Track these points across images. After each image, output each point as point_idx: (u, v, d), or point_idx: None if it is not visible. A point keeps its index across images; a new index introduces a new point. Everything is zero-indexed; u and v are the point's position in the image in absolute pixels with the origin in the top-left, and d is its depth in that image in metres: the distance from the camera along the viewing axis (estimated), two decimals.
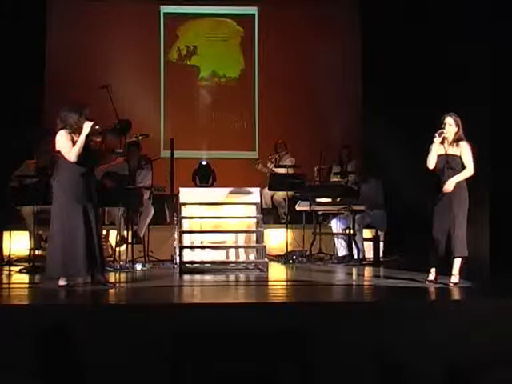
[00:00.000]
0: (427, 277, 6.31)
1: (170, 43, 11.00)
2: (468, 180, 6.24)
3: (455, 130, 6.22)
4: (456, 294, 5.97)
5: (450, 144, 6.22)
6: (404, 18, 9.24)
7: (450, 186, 6.12)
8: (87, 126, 5.94)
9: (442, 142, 6.24)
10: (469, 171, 6.18)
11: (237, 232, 7.93)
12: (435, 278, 6.29)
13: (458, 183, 6.16)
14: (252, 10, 11.06)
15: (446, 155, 6.22)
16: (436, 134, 6.19)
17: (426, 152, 6.28)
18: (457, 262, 6.19)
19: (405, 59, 9.17)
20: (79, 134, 5.95)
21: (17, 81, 9.32)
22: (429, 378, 4.87)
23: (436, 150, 6.23)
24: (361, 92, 10.53)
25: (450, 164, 6.18)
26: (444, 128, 6.20)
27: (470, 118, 7.55)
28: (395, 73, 9.33)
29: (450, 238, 6.15)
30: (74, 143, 5.94)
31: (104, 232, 7.92)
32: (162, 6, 10.94)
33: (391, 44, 9.48)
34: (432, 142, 6.21)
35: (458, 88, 7.85)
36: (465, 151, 6.19)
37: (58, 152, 6.02)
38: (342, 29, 10.82)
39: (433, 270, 6.31)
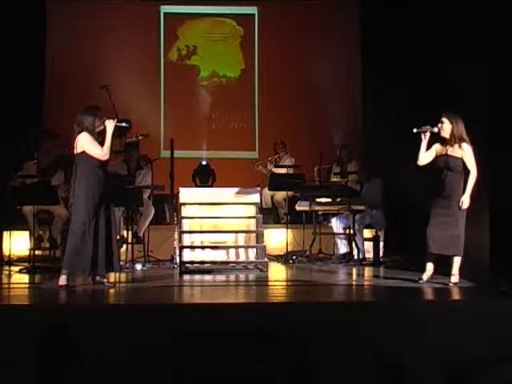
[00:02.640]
0: (422, 276, 6.33)
1: (170, 43, 11.01)
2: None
3: (450, 127, 6.20)
4: (456, 294, 5.97)
5: (450, 144, 6.21)
6: (404, 18, 9.24)
7: (465, 203, 6.11)
8: (111, 125, 6.08)
9: (443, 143, 6.24)
10: (473, 175, 6.15)
11: (237, 232, 7.92)
12: (430, 277, 6.30)
13: (459, 184, 6.16)
14: (252, 9, 11.06)
15: (447, 155, 6.21)
16: (414, 130, 6.23)
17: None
18: (456, 262, 6.19)
19: (405, 59, 9.17)
20: (97, 135, 6.10)
21: (17, 81, 9.33)
22: (428, 378, 4.87)
23: (425, 147, 6.25)
24: (361, 92, 10.53)
25: (449, 164, 6.17)
26: (440, 126, 6.22)
27: (470, 117, 7.56)
28: (395, 72, 9.33)
29: (448, 237, 6.16)
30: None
31: None
32: (162, 6, 10.95)
33: (391, 44, 9.48)
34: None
35: (458, 88, 7.85)
36: (467, 154, 6.16)
37: (80, 154, 6.07)
38: (341, 29, 10.82)
39: (429, 269, 6.30)
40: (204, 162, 10.01)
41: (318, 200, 8.58)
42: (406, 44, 9.18)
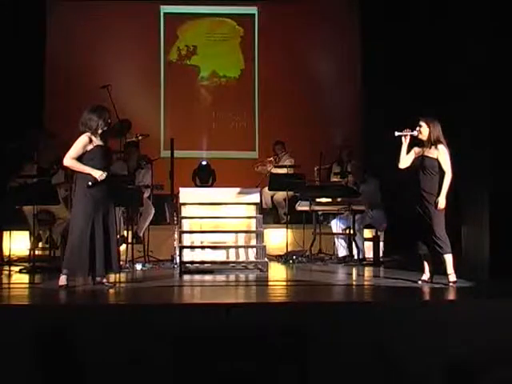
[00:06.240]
0: (421, 276, 6.39)
1: (170, 43, 11.01)
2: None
3: (427, 130, 6.29)
4: (455, 294, 5.97)
5: (427, 146, 6.30)
6: (404, 17, 9.24)
7: (441, 203, 6.19)
8: (100, 176, 5.97)
9: (421, 145, 6.31)
10: (448, 176, 6.24)
11: (237, 232, 7.91)
12: (430, 277, 6.34)
13: (435, 185, 6.23)
14: (252, 9, 11.06)
15: (423, 156, 6.32)
16: (396, 133, 6.30)
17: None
18: (448, 261, 6.22)
19: (405, 58, 9.17)
20: (99, 136, 6.07)
21: (17, 81, 9.33)
22: (428, 378, 4.87)
23: (405, 150, 6.35)
24: (361, 92, 10.53)
25: (425, 165, 6.27)
26: (418, 129, 6.28)
27: (470, 117, 7.56)
28: (395, 72, 9.34)
29: (431, 238, 6.22)
30: (92, 145, 6.04)
31: None
32: (161, 6, 10.95)
33: (391, 43, 9.48)
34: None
35: (458, 88, 7.85)
36: (442, 155, 6.26)
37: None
38: (341, 29, 10.82)
39: (426, 269, 6.35)
40: (204, 162, 10.01)
41: (318, 200, 8.59)
42: (406, 44, 9.18)
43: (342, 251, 8.52)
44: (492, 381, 4.79)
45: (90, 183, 5.97)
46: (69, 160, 6.05)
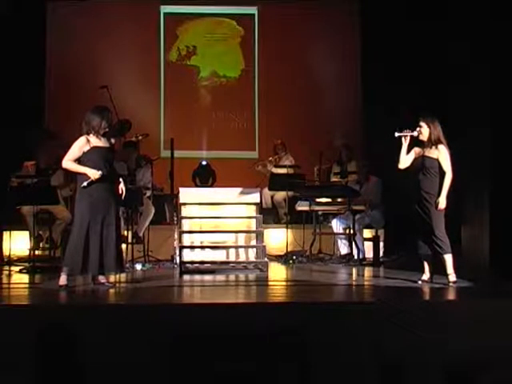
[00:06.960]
0: (421, 276, 6.39)
1: (169, 43, 11.01)
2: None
3: (427, 131, 6.29)
4: (455, 294, 5.97)
5: (427, 146, 6.30)
6: (404, 16, 9.25)
7: (442, 204, 6.20)
8: (94, 174, 5.98)
9: (421, 146, 6.33)
10: (448, 177, 6.25)
11: (237, 232, 7.92)
12: (430, 277, 6.35)
13: (435, 185, 6.24)
14: (252, 9, 11.06)
15: (423, 157, 6.32)
16: (396, 134, 6.31)
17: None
18: (448, 260, 6.23)
19: (405, 58, 9.18)
20: (102, 136, 6.09)
21: (17, 81, 9.33)
22: (428, 379, 4.87)
23: (405, 150, 6.34)
24: (361, 92, 10.54)
25: (425, 165, 6.27)
26: (418, 130, 6.28)
27: (470, 117, 7.57)
28: (396, 72, 9.34)
29: (431, 238, 6.23)
30: (89, 147, 6.04)
31: None
32: (161, 6, 10.95)
33: (391, 43, 9.49)
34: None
35: (459, 87, 7.86)
36: (443, 156, 6.26)
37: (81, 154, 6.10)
38: (341, 28, 10.83)
39: (426, 269, 6.35)
40: (204, 162, 10.00)
41: (317, 200, 8.59)
42: (406, 44, 9.19)
43: (343, 248, 8.53)
44: (492, 381, 4.79)
45: (85, 183, 5.99)
46: (66, 162, 6.11)
